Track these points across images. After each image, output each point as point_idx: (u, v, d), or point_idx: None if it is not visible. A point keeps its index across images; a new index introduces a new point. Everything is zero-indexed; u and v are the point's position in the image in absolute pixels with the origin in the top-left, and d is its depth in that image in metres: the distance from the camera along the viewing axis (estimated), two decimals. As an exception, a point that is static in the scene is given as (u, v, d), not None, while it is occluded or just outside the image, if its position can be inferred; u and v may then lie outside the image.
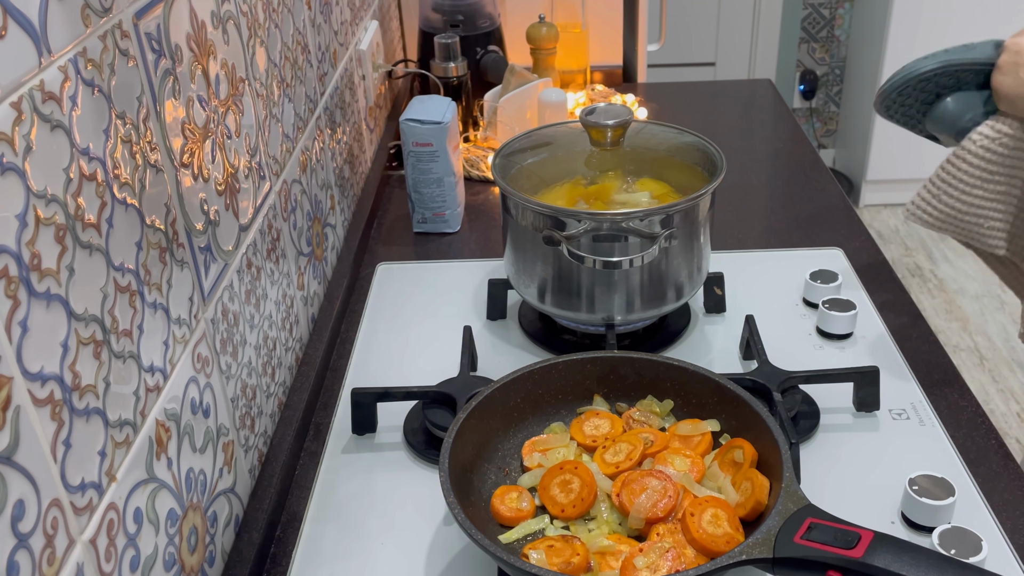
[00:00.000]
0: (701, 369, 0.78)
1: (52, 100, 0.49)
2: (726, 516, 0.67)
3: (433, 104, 1.20)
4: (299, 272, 0.97)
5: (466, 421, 0.74)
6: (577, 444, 0.77)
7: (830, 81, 3.53)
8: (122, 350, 0.56)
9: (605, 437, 0.77)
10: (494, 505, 0.72)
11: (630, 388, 0.82)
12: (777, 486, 0.66)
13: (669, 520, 0.69)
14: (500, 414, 0.78)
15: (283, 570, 0.73)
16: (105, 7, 0.55)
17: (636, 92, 1.69)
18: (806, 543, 0.60)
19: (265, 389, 0.84)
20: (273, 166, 0.89)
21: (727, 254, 1.13)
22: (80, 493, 0.51)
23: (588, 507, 0.71)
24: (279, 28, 0.93)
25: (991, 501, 0.76)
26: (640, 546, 0.66)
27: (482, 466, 0.76)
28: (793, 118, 1.58)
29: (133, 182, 0.58)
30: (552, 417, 0.81)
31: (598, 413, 0.79)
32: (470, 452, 0.74)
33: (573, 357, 0.81)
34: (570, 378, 0.81)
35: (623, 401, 0.82)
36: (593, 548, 0.67)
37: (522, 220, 0.91)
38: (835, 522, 0.61)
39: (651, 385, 0.81)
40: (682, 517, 0.68)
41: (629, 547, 0.67)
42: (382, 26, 1.50)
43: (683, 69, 3.31)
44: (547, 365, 0.80)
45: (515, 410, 0.79)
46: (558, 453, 0.76)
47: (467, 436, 0.74)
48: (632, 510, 0.69)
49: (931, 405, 0.87)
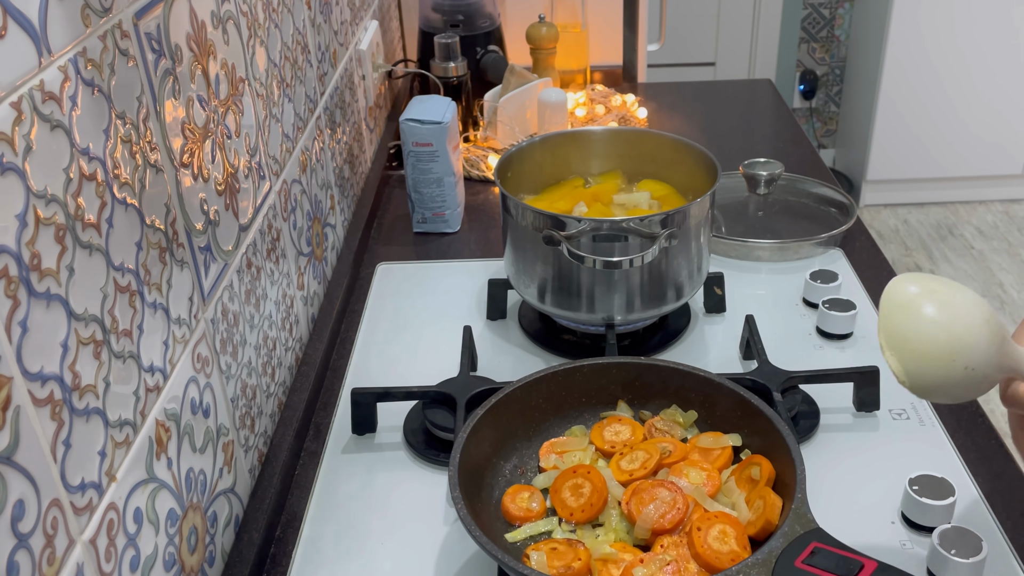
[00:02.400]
0: (727, 382, 0.77)
1: (52, 100, 0.49)
2: (734, 533, 0.66)
3: (433, 104, 1.20)
4: (299, 272, 0.97)
5: (483, 418, 0.73)
6: (595, 449, 0.77)
7: (830, 81, 3.53)
8: (122, 350, 0.56)
9: (624, 444, 0.76)
10: (504, 503, 0.72)
11: (655, 395, 0.81)
12: (789, 506, 0.65)
13: (676, 532, 0.68)
14: (520, 413, 0.78)
15: (283, 570, 0.73)
16: (105, 7, 0.55)
17: (636, 92, 1.69)
18: (806, 567, 0.59)
19: (265, 389, 0.84)
20: (273, 166, 0.89)
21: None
22: (80, 493, 0.51)
23: (597, 513, 0.71)
24: (279, 28, 0.93)
25: (991, 501, 0.76)
26: (642, 556, 0.65)
27: (497, 464, 0.76)
28: (793, 118, 1.58)
29: (133, 182, 0.58)
30: (574, 420, 0.80)
31: (620, 419, 0.79)
32: (485, 449, 0.74)
33: (599, 361, 0.80)
34: (595, 382, 0.80)
35: (647, 409, 0.81)
36: (596, 554, 0.66)
37: (522, 220, 0.92)
38: (840, 549, 0.60)
39: (676, 394, 0.80)
40: (689, 531, 0.67)
41: (632, 556, 0.66)
42: (382, 26, 1.50)
43: (683, 69, 3.31)
44: (571, 367, 0.79)
45: (536, 410, 0.79)
46: (574, 456, 0.75)
47: (483, 433, 0.73)
48: (639, 519, 0.68)
49: (931, 405, 0.87)
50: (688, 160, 1.00)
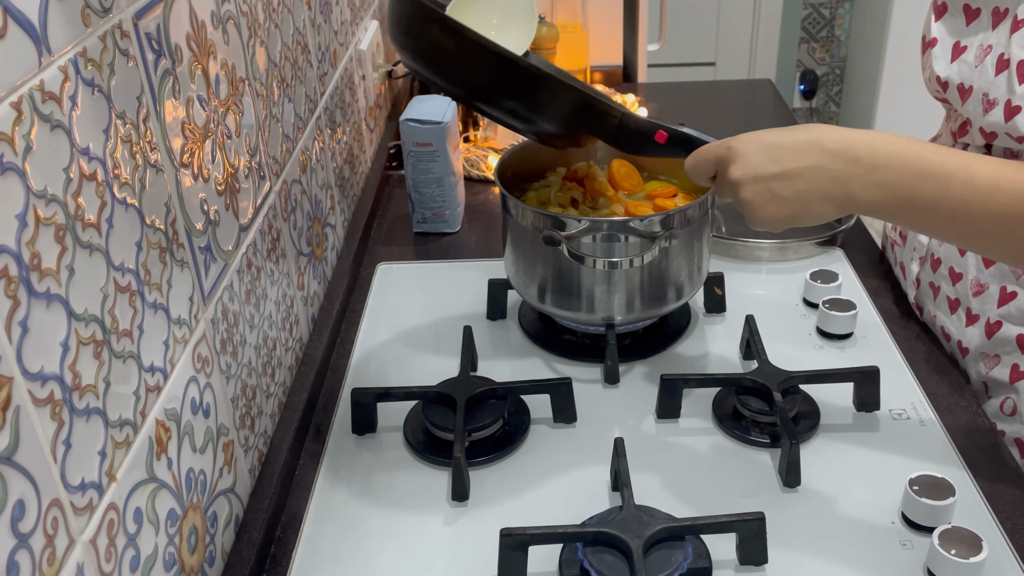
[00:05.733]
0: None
1: (52, 100, 0.49)
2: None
3: (433, 104, 1.20)
4: (299, 272, 0.97)
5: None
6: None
7: (830, 81, 3.53)
8: (122, 350, 0.56)
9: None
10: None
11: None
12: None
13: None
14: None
15: (283, 570, 0.73)
16: (105, 7, 0.55)
17: (636, 92, 1.69)
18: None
19: (265, 389, 0.84)
20: (273, 166, 0.89)
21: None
22: (80, 493, 0.51)
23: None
24: (279, 28, 0.93)
25: (991, 501, 0.76)
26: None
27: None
28: (793, 118, 1.58)
29: (133, 182, 0.58)
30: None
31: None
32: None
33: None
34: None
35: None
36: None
37: (522, 220, 0.92)
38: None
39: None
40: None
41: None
42: (382, 26, 1.50)
43: (683, 69, 3.30)
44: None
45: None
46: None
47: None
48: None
49: (931, 405, 0.87)
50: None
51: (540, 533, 0.69)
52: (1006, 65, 0.80)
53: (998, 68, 0.81)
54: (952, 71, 0.87)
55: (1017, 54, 0.78)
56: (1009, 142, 0.81)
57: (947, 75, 0.87)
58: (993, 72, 0.81)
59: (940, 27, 0.89)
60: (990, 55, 0.82)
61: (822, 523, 0.75)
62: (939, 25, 0.89)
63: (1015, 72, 0.79)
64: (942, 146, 0.70)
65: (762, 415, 0.83)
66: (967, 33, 0.86)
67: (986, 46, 0.83)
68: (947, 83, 0.88)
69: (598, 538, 0.69)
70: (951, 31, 0.88)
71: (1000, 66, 0.81)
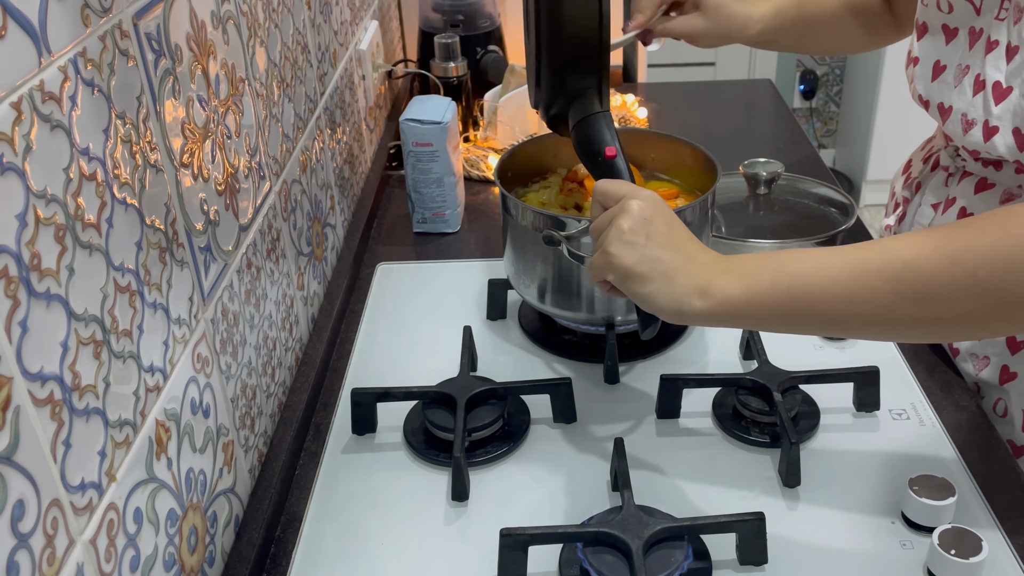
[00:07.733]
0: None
1: (52, 100, 0.49)
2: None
3: (433, 104, 1.20)
4: (299, 272, 0.97)
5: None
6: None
7: (830, 81, 3.53)
8: (122, 350, 0.56)
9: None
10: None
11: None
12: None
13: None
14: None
15: (283, 570, 0.73)
16: (105, 7, 0.55)
17: (636, 92, 1.69)
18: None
19: (265, 389, 0.84)
20: (273, 166, 0.89)
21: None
22: (80, 493, 0.51)
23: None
24: (279, 28, 0.93)
25: (991, 501, 0.76)
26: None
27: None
28: (793, 118, 1.58)
29: (133, 182, 0.58)
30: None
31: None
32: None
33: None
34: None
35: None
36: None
37: (522, 220, 0.92)
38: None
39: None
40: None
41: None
42: (382, 26, 1.50)
43: (683, 69, 3.30)
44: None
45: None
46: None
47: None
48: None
49: (931, 405, 0.87)
50: (688, 160, 1.00)
51: (540, 533, 0.69)
52: (982, 86, 0.80)
53: (975, 88, 0.81)
54: (932, 90, 0.87)
55: (992, 75, 0.78)
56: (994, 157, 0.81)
57: (928, 94, 0.88)
58: (971, 93, 0.81)
59: (921, 46, 0.89)
60: (967, 75, 0.82)
61: (822, 523, 0.75)
62: (920, 44, 0.89)
63: (990, 93, 0.79)
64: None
65: (762, 415, 0.84)
66: (946, 53, 0.86)
67: (964, 66, 0.83)
68: (928, 102, 0.88)
69: (598, 538, 0.69)
70: (931, 50, 0.88)
71: (977, 87, 0.81)
